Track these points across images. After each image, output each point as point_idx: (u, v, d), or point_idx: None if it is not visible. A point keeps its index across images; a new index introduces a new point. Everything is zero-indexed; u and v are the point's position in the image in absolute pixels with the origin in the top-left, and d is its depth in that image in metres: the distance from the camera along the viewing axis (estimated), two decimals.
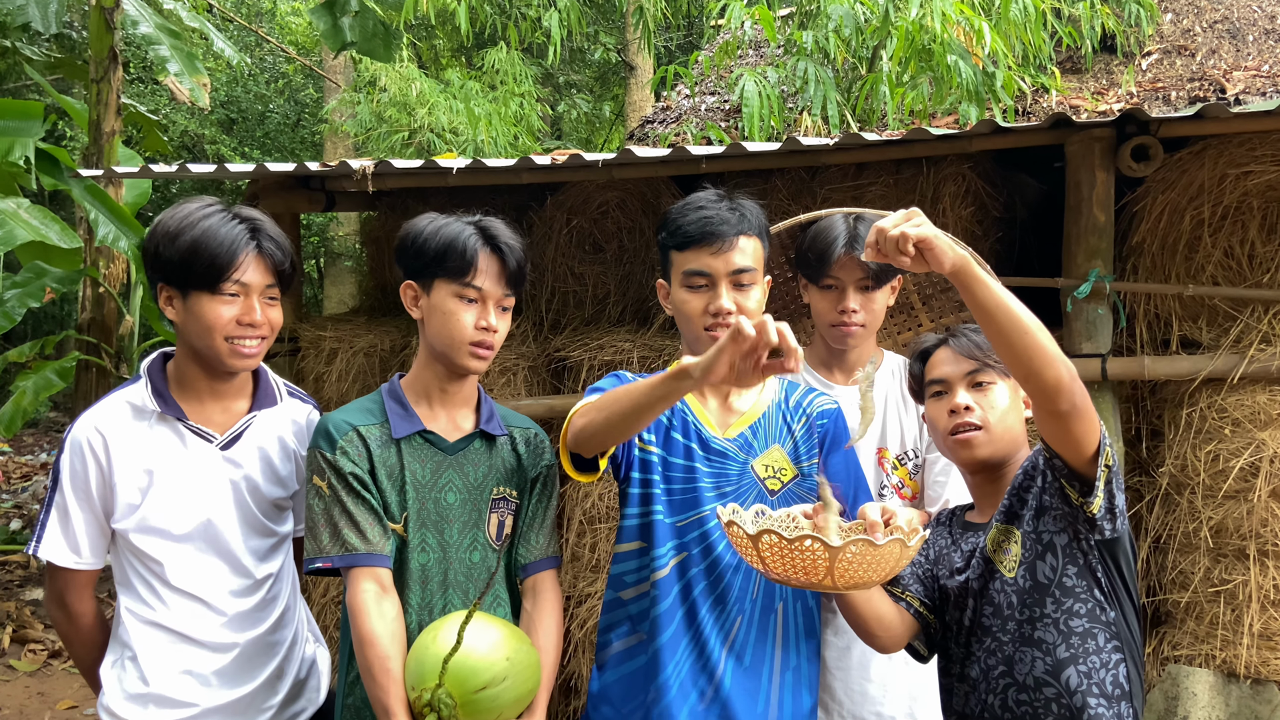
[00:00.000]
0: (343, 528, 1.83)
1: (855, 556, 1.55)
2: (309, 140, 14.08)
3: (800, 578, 1.58)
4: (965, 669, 1.86)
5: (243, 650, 1.96)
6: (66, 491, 1.93)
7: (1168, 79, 5.40)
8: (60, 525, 1.93)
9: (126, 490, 1.90)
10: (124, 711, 1.92)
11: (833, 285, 2.23)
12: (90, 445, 1.90)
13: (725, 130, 5.66)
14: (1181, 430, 3.17)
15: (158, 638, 1.92)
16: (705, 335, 1.92)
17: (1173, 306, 3.26)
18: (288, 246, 1.96)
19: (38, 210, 6.57)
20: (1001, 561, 1.81)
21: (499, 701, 1.70)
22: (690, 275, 1.92)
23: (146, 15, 6.97)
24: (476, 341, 1.89)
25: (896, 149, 3.28)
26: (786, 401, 2.05)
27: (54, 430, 12.21)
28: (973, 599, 1.84)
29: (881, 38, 4.98)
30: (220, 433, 1.96)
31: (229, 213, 1.90)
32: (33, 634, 5.42)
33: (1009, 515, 1.82)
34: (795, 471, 2.00)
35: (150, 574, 1.93)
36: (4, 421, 6.67)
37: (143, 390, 1.94)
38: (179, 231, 1.85)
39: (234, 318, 1.87)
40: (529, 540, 1.98)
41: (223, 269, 1.85)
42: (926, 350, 1.96)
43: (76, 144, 11.81)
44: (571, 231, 3.97)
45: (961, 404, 1.85)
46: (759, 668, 1.92)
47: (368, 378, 3.98)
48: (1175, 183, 3.21)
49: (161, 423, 1.93)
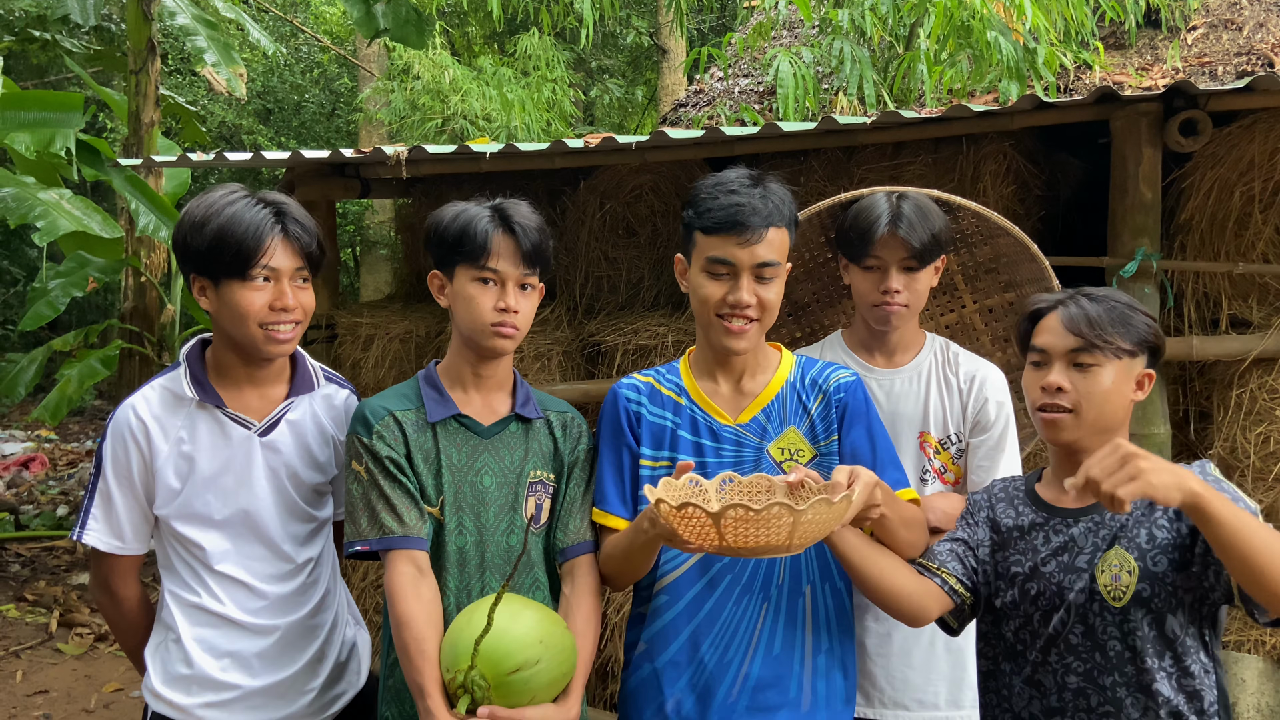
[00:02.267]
0: (380, 511, 1.84)
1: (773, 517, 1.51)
2: (344, 129, 14.18)
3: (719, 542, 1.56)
4: (1038, 674, 1.77)
5: (283, 634, 1.97)
6: (109, 478, 1.94)
7: (1214, 53, 5.26)
8: (103, 511, 1.96)
9: (167, 476, 1.92)
10: (167, 693, 1.94)
11: (875, 265, 2.17)
12: (132, 431, 1.91)
13: (759, 112, 5.61)
14: (1231, 411, 3.10)
15: (200, 621, 1.94)
16: (716, 322, 1.88)
17: (1222, 285, 3.19)
18: (314, 229, 1.95)
19: (80, 201, 6.69)
20: (1107, 586, 1.70)
21: (532, 684, 1.69)
22: (713, 262, 1.87)
23: (183, 6, 7.05)
24: (497, 322, 1.88)
25: (936, 127, 3.22)
26: (802, 379, 1.98)
27: (99, 418, 12.44)
28: (1065, 611, 1.73)
29: (919, 15, 4.90)
30: (258, 419, 1.97)
31: (253, 198, 1.89)
32: (79, 618, 5.53)
33: (1131, 543, 1.70)
34: (814, 452, 1.94)
35: (192, 558, 1.95)
36: (50, 409, 6.80)
37: (181, 378, 1.94)
38: (205, 220, 1.85)
39: (266, 303, 1.87)
40: (567, 524, 1.97)
41: (250, 255, 1.83)
42: (1039, 311, 1.81)
43: (116, 135, 11.98)
44: (605, 216, 3.96)
45: (1054, 383, 1.73)
46: (790, 653, 1.90)
47: (403, 363, 4.00)
48: (1224, 158, 3.13)
49: (200, 410, 1.93)
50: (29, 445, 10.31)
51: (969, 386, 2.21)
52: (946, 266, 2.52)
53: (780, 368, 2.00)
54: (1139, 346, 1.74)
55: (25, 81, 10.61)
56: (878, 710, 2.18)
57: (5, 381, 7.35)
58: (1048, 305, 1.80)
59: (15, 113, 6.07)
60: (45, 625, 5.45)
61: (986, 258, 2.49)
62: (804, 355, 2.09)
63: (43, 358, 7.15)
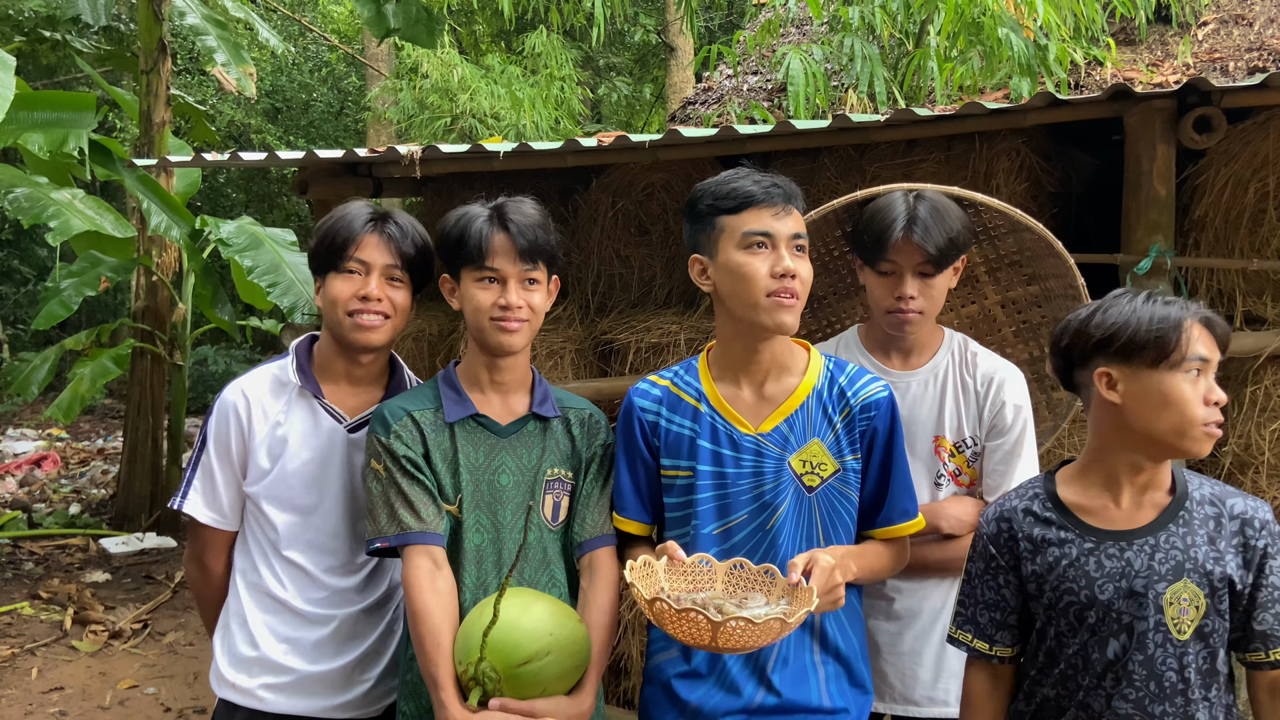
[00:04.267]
0: (398, 508, 1.87)
1: (737, 629, 1.59)
2: (352, 128, 14.22)
3: (688, 639, 1.64)
4: (1088, 698, 1.74)
5: (340, 624, 2.04)
6: (211, 452, 2.05)
7: (1225, 49, 5.24)
8: (203, 484, 2.06)
9: (260, 456, 2.02)
10: (231, 675, 2.03)
11: (890, 270, 2.11)
12: (235, 408, 2.03)
13: (769, 110, 5.61)
14: (1245, 408, 3.10)
15: (264, 605, 2.03)
16: (767, 301, 1.80)
17: (1236, 281, 3.18)
18: (417, 235, 2.06)
19: (92, 200, 6.71)
20: (1174, 620, 1.67)
21: (542, 676, 1.70)
22: (751, 235, 1.81)
23: (193, 6, 7.07)
24: (497, 318, 1.91)
25: (949, 124, 3.22)
26: (830, 387, 1.91)
27: (110, 417, 12.49)
28: (1125, 635, 1.70)
29: (929, 11, 4.90)
30: (351, 415, 2.06)
31: (368, 209, 2.04)
32: (93, 615, 5.56)
33: (1202, 578, 1.68)
34: (836, 466, 1.89)
35: (266, 540, 2.04)
36: (62, 408, 6.84)
37: (288, 365, 2.07)
38: (322, 225, 2.04)
39: (354, 292, 1.98)
40: (584, 519, 1.98)
41: (344, 246, 1.98)
42: (1179, 320, 1.66)
43: (127, 135, 12.03)
44: (617, 214, 3.96)
45: (1222, 400, 1.68)
46: (801, 656, 1.89)
47: (417, 361, 4.02)
48: (1238, 155, 3.12)
49: (300, 397, 2.05)
50: (41, 444, 10.36)
51: (986, 389, 2.16)
52: (968, 259, 2.50)
53: (808, 371, 1.93)
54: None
55: (35, 82, 10.64)
56: (888, 706, 2.19)
57: (18, 380, 7.39)
58: (1183, 313, 1.67)
59: (28, 113, 6.09)
60: (59, 623, 5.48)
61: (1009, 250, 2.47)
62: (832, 356, 2.04)
63: (55, 357, 7.20)
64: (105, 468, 9.43)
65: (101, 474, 9.17)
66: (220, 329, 8.01)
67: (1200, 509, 1.72)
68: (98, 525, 7.38)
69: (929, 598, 2.18)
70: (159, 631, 5.43)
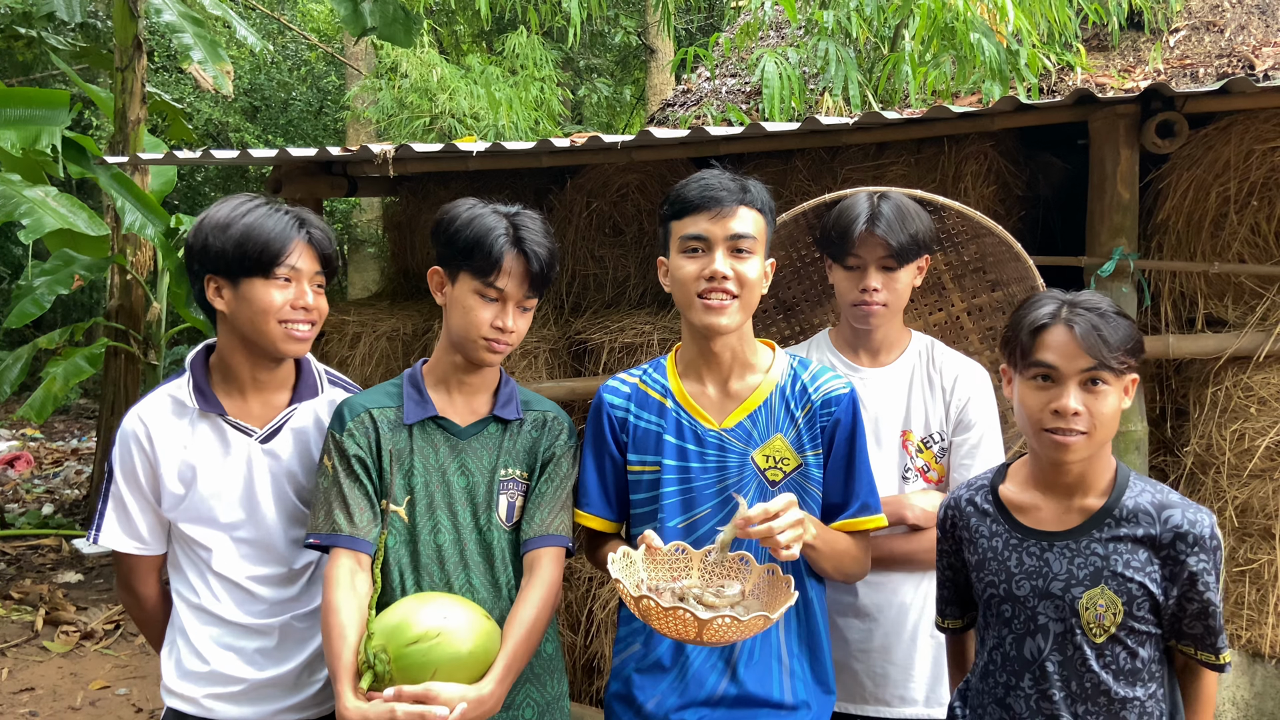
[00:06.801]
0: (335, 509, 1.88)
1: (722, 626, 1.64)
2: (331, 127, 14.14)
3: (673, 634, 1.68)
4: (1009, 697, 1.79)
5: (284, 632, 2.03)
6: (120, 483, 2.00)
7: (1196, 55, 5.31)
8: (117, 514, 2.01)
9: (171, 482, 1.97)
10: (178, 686, 2.01)
11: (855, 265, 2.19)
12: (136, 438, 1.97)
13: (746, 112, 5.64)
14: (1207, 409, 3.15)
15: (204, 620, 2.00)
16: (698, 302, 1.86)
17: (1198, 284, 3.23)
18: (332, 236, 2.04)
19: (66, 198, 6.65)
20: (1089, 624, 1.70)
21: (432, 657, 1.69)
22: (687, 240, 1.87)
23: (170, 3, 7.02)
24: (491, 338, 1.92)
25: (918, 128, 3.26)
26: (793, 384, 1.96)
27: (84, 416, 12.39)
28: (1041, 636, 1.74)
29: (904, 16, 4.94)
30: (260, 426, 2.02)
31: (273, 205, 1.98)
32: (65, 616, 5.52)
33: (1120, 585, 1.69)
34: (798, 461, 1.93)
35: (198, 560, 2.01)
36: (35, 408, 6.77)
37: (185, 385, 2.00)
38: (229, 223, 1.92)
39: (287, 301, 1.93)
40: (532, 517, 1.98)
41: (276, 254, 1.91)
42: (1041, 324, 1.70)
43: (102, 133, 11.93)
44: (591, 215, 3.98)
45: (1071, 408, 1.66)
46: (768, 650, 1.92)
47: (390, 361, 4.02)
48: (1201, 159, 3.17)
49: (202, 418, 1.99)
50: (14, 444, 10.27)
51: (952, 386, 2.23)
52: (933, 266, 2.55)
53: (772, 369, 1.98)
54: (1138, 360, 1.71)
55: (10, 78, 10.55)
56: (859, 706, 2.21)
57: None
58: (1048, 316, 1.71)
59: (1, 110, 6.04)
60: (31, 623, 5.44)
61: (973, 256, 2.52)
62: (798, 355, 2.09)
63: (28, 356, 7.12)
64: (79, 468, 9.36)
65: (75, 474, 9.10)
66: (195, 328, 7.96)
67: (1130, 519, 1.72)
68: (71, 526, 7.32)
69: (897, 592, 2.21)
70: (131, 632, 5.40)
